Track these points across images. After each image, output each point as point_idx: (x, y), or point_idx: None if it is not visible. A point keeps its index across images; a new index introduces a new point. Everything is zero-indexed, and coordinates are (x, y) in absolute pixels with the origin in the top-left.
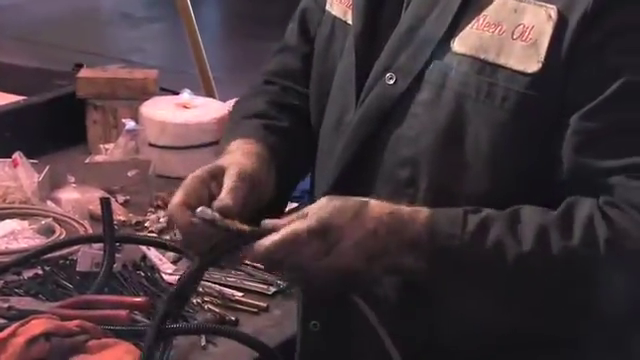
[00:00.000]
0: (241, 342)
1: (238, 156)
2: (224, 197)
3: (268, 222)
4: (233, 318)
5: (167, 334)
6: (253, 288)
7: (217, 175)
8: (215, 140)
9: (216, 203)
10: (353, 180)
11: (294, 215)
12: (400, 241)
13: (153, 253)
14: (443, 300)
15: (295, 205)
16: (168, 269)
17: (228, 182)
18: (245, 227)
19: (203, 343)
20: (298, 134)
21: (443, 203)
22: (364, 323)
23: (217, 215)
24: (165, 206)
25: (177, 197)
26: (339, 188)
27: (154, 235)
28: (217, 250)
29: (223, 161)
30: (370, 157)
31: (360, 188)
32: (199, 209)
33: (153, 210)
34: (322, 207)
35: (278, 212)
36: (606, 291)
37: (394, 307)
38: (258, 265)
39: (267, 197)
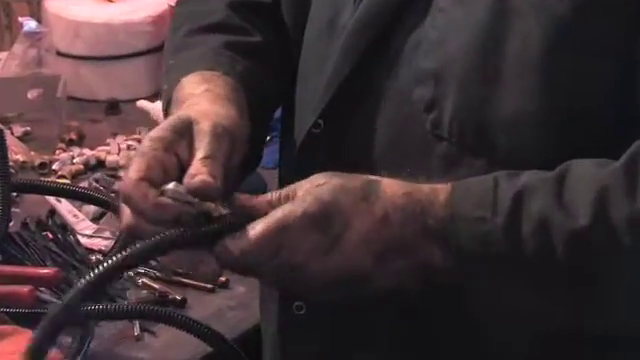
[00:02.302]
0: (185, 330)
1: (206, 102)
2: (199, 170)
3: (242, 197)
4: (179, 297)
5: (80, 318)
6: None
7: (184, 132)
8: (150, 48)
9: (189, 182)
10: (351, 105)
11: (274, 194)
12: (419, 231)
13: (65, 207)
14: (481, 305)
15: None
16: (86, 229)
17: (202, 146)
18: (228, 211)
19: (137, 332)
20: (272, 49)
21: (473, 138)
22: (363, 300)
23: (192, 197)
24: (80, 140)
25: (134, 170)
26: (332, 117)
27: (66, 182)
28: (184, 238)
29: (189, 111)
30: (376, 72)
31: (362, 117)
32: (170, 186)
33: (64, 147)
34: (319, 185)
35: (254, 164)
36: None
37: (415, 305)
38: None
39: (243, 150)
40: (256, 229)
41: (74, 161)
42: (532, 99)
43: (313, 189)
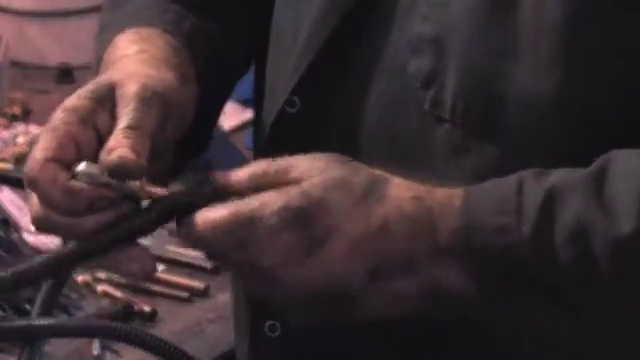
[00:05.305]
0: (152, 352)
1: (136, 63)
2: (119, 143)
3: (218, 177)
4: (147, 309)
5: (22, 336)
6: (183, 258)
7: (105, 100)
8: None
9: (104, 158)
10: (332, 79)
11: (267, 165)
12: (428, 246)
13: (7, 197)
14: (506, 335)
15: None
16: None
17: (125, 113)
18: (162, 190)
19: (97, 351)
20: (236, 5)
21: (480, 119)
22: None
23: (110, 178)
24: (26, 116)
25: (41, 148)
26: (309, 94)
27: (9, 167)
28: (116, 231)
29: (113, 74)
30: (362, 38)
31: (345, 94)
32: (80, 167)
33: (6, 123)
34: (318, 174)
35: (203, 144)
36: None
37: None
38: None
39: (184, 127)
40: (221, 212)
41: (18, 141)
42: (550, 73)
43: (307, 178)
